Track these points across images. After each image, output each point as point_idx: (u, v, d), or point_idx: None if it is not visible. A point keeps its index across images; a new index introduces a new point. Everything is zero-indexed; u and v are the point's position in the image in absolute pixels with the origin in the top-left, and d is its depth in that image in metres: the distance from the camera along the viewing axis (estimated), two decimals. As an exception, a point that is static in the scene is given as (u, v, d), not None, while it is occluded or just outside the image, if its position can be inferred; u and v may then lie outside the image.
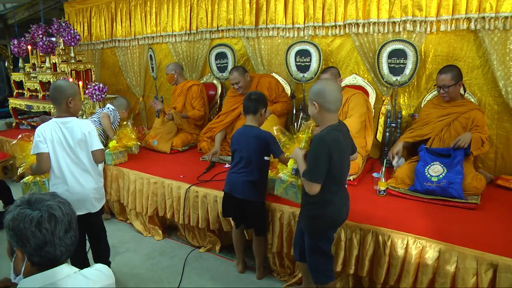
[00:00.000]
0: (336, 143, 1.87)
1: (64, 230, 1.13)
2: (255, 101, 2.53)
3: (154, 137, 4.08)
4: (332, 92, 1.91)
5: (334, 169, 1.89)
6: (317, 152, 1.87)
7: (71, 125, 2.36)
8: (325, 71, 3.32)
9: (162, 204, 3.24)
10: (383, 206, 2.58)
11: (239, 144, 2.52)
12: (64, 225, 1.13)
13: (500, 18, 2.93)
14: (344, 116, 3.31)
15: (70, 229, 1.15)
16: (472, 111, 2.84)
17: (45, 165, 2.32)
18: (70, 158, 2.37)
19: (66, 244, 1.14)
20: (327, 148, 1.84)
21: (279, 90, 3.83)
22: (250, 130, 2.49)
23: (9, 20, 7.63)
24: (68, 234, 1.14)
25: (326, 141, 1.86)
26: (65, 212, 1.15)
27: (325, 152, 1.84)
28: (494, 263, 1.92)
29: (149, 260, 3.02)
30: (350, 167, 2.16)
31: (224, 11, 4.27)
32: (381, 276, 2.22)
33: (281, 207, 2.59)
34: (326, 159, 1.85)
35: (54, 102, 2.39)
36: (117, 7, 5.29)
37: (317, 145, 1.88)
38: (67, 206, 1.18)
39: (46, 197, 1.16)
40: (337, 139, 1.89)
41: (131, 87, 5.55)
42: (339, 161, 1.89)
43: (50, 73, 4.60)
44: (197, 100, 4.21)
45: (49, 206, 1.12)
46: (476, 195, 2.59)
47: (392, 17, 3.34)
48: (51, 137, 2.32)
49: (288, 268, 2.71)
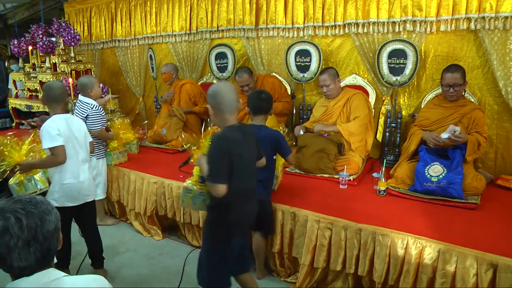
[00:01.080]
0: (233, 142, 1.86)
1: (23, 244, 1.03)
2: (267, 101, 2.50)
3: (163, 126, 4.10)
4: (226, 95, 1.90)
5: (234, 170, 1.86)
6: (214, 152, 1.87)
7: (72, 120, 2.58)
8: (323, 72, 3.33)
9: (162, 204, 3.24)
10: (383, 206, 2.58)
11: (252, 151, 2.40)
12: (22, 239, 1.03)
13: (500, 18, 2.93)
14: (345, 116, 3.32)
15: (34, 242, 1.04)
16: (473, 111, 2.84)
17: (63, 157, 2.44)
18: (76, 150, 2.56)
19: (26, 260, 1.04)
20: (223, 147, 1.84)
21: (281, 90, 3.87)
22: (260, 130, 2.42)
23: (9, 20, 7.64)
24: (30, 249, 1.04)
25: (222, 140, 1.86)
26: (26, 224, 1.04)
27: (222, 151, 1.84)
28: (494, 263, 1.92)
29: (149, 260, 3.02)
30: (255, 172, 2.09)
31: (224, 11, 4.27)
32: (381, 276, 2.21)
33: (281, 207, 2.59)
34: (224, 158, 1.83)
35: (55, 101, 2.52)
36: (117, 7, 5.29)
37: (213, 145, 1.88)
38: (34, 217, 1.06)
39: (12, 205, 1.06)
40: (235, 139, 1.87)
41: (131, 87, 5.55)
42: (239, 161, 1.87)
43: (50, 73, 4.59)
44: (197, 98, 4.30)
45: (6, 218, 1.03)
46: (476, 195, 2.59)
47: (392, 17, 3.34)
48: (64, 131, 2.47)
49: (288, 268, 2.71)
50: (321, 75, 3.33)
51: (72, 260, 2.94)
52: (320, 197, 2.73)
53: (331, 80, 3.27)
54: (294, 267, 2.70)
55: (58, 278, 1.11)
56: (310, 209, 2.51)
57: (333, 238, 2.38)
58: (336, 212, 2.45)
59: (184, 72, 4.87)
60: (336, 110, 3.33)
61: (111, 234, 3.43)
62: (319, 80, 3.35)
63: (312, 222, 2.45)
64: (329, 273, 2.51)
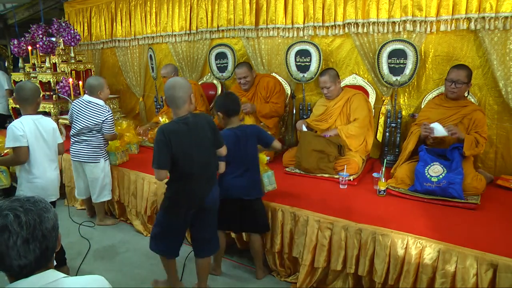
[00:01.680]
0: (173, 133, 2.09)
1: (23, 241, 1.03)
2: (237, 101, 2.55)
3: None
4: (176, 90, 2.13)
5: (177, 159, 2.10)
6: (156, 141, 2.10)
7: (42, 121, 2.64)
8: (324, 73, 3.31)
9: (162, 204, 3.24)
10: (383, 206, 2.58)
11: (238, 148, 2.44)
12: (21, 236, 1.02)
13: (500, 18, 2.93)
14: (345, 116, 3.31)
15: (33, 240, 1.04)
16: (474, 112, 2.84)
17: (24, 157, 2.54)
18: (43, 150, 2.63)
19: (26, 258, 1.04)
20: (164, 137, 2.06)
21: (274, 91, 3.77)
22: (242, 131, 2.46)
23: (9, 20, 7.63)
24: (30, 246, 1.04)
25: (162, 132, 2.08)
26: (25, 221, 1.04)
27: (162, 140, 2.06)
28: (494, 263, 1.92)
29: (149, 260, 3.02)
30: (208, 158, 2.26)
31: (224, 11, 4.27)
32: (381, 276, 2.22)
33: (281, 206, 2.59)
34: (164, 147, 2.07)
35: (26, 102, 2.59)
36: (117, 7, 5.29)
37: (156, 135, 2.10)
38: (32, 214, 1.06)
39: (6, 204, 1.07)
40: (175, 130, 2.10)
41: (131, 87, 5.55)
42: (180, 150, 2.10)
43: (50, 73, 4.59)
44: (197, 100, 4.23)
45: (4, 216, 1.03)
46: (476, 195, 2.60)
47: (392, 17, 3.34)
48: (30, 132, 2.54)
49: (288, 268, 2.71)
50: (321, 77, 3.32)
51: (72, 261, 2.94)
52: (320, 197, 2.74)
53: (332, 82, 3.27)
54: (294, 267, 2.70)
55: (58, 279, 1.11)
56: (310, 209, 2.51)
57: (333, 238, 2.38)
58: (336, 212, 2.45)
59: (184, 72, 4.87)
60: (336, 110, 3.34)
61: (111, 234, 3.43)
62: (320, 82, 3.35)
63: (312, 222, 2.45)
64: (329, 273, 2.51)
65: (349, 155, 3.14)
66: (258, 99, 3.78)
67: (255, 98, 3.79)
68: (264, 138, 2.54)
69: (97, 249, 3.18)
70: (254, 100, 3.79)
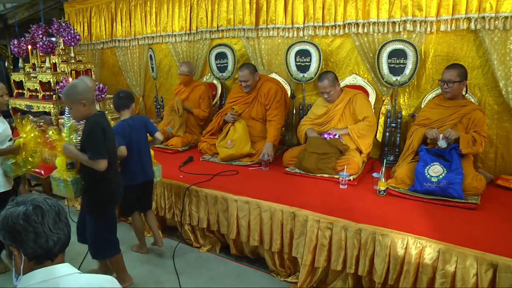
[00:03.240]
0: (107, 126, 2.29)
1: (53, 221, 1.15)
2: (125, 98, 2.85)
3: (168, 124, 4.10)
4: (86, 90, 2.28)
5: (108, 148, 2.25)
6: (92, 131, 2.20)
7: None
8: (323, 78, 3.25)
9: (162, 204, 3.24)
10: (383, 206, 2.58)
11: (133, 134, 2.76)
12: (51, 215, 1.15)
13: (500, 18, 2.93)
14: (347, 117, 3.30)
15: (59, 220, 1.17)
16: (473, 112, 2.84)
17: None
18: None
19: (57, 234, 1.15)
20: (100, 127, 2.21)
21: (274, 99, 3.63)
22: (132, 121, 2.80)
23: (9, 20, 7.64)
24: (58, 225, 1.16)
25: (98, 124, 2.22)
26: (51, 203, 1.17)
27: (99, 130, 2.20)
28: (494, 263, 1.92)
29: (149, 260, 3.02)
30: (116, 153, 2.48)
31: (224, 11, 4.27)
32: (381, 276, 2.22)
33: (281, 206, 2.59)
34: (102, 136, 2.20)
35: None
36: (117, 7, 5.29)
37: (93, 128, 2.21)
38: (53, 200, 1.20)
39: (32, 195, 1.19)
40: (106, 123, 2.30)
41: (131, 87, 5.55)
42: (109, 141, 2.28)
43: (50, 73, 4.59)
44: (204, 101, 4.26)
45: (34, 199, 1.16)
46: (476, 195, 2.59)
47: (392, 17, 3.34)
48: None
49: (288, 268, 2.71)
50: (320, 82, 3.27)
51: (72, 261, 2.94)
52: (320, 197, 2.74)
53: (331, 86, 3.25)
54: (294, 267, 2.70)
55: (72, 273, 1.17)
56: (310, 209, 2.51)
57: (333, 238, 2.38)
58: (336, 212, 2.45)
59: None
60: (337, 112, 3.32)
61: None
62: (319, 87, 3.31)
63: (312, 222, 2.44)
64: (329, 273, 2.51)
65: (349, 155, 3.13)
66: (257, 103, 3.73)
67: (255, 102, 3.74)
68: (149, 128, 2.89)
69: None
70: (254, 104, 3.74)
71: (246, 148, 3.50)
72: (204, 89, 4.27)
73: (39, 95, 4.90)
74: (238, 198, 2.77)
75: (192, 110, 4.22)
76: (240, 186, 2.96)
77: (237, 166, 3.46)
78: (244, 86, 3.70)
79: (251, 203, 2.71)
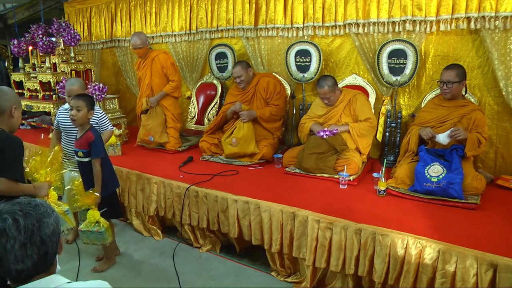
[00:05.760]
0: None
1: (20, 246, 1.02)
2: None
3: (148, 134, 4.02)
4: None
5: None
6: (17, 152, 1.99)
7: None
8: (322, 84, 3.22)
9: (162, 204, 3.24)
10: (383, 206, 2.57)
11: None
12: (18, 241, 1.02)
13: (500, 18, 2.92)
14: (347, 118, 3.29)
15: (30, 245, 1.03)
16: (473, 112, 2.84)
17: None
18: None
19: (24, 261, 1.03)
20: (20, 147, 2.01)
21: (274, 91, 3.69)
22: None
23: (9, 20, 7.64)
24: (27, 251, 1.03)
25: (17, 141, 1.98)
26: (23, 225, 1.03)
27: (21, 151, 2.02)
28: (494, 263, 1.92)
29: (149, 260, 3.02)
30: None
31: (224, 11, 4.27)
32: (381, 276, 2.22)
33: (281, 207, 2.59)
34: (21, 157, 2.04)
35: None
36: (117, 7, 5.29)
37: (14, 146, 1.97)
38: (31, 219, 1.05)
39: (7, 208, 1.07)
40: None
41: (131, 87, 5.55)
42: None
43: (50, 73, 4.60)
44: (169, 69, 3.99)
45: (3, 219, 1.03)
46: (476, 195, 2.59)
47: (392, 17, 3.34)
48: None
49: (288, 268, 2.71)
50: (320, 88, 3.24)
51: (72, 261, 2.94)
52: (320, 197, 2.73)
53: (331, 92, 3.23)
54: (294, 267, 2.70)
55: (61, 285, 1.09)
56: (310, 209, 2.51)
57: (333, 238, 2.38)
58: (336, 212, 2.45)
59: (184, 72, 4.87)
60: (337, 113, 3.32)
61: (111, 234, 3.43)
62: (319, 93, 3.29)
63: (312, 222, 2.44)
64: (329, 273, 2.51)
65: (349, 155, 3.13)
66: (257, 99, 3.75)
67: (255, 98, 3.76)
68: None
69: (96, 249, 3.17)
70: (254, 100, 3.76)
71: (251, 147, 3.52)
72: (163, 58, 3.99)
73: (39, 95, 4.91)
74: (238, 198, 2.77)
75: (162, 94, 4.00)
76: (240, 186, 2.96)
77: (237, 166, 3.46)
78: (239, 82, 3.72)
79: (251, 203, 2.71)
